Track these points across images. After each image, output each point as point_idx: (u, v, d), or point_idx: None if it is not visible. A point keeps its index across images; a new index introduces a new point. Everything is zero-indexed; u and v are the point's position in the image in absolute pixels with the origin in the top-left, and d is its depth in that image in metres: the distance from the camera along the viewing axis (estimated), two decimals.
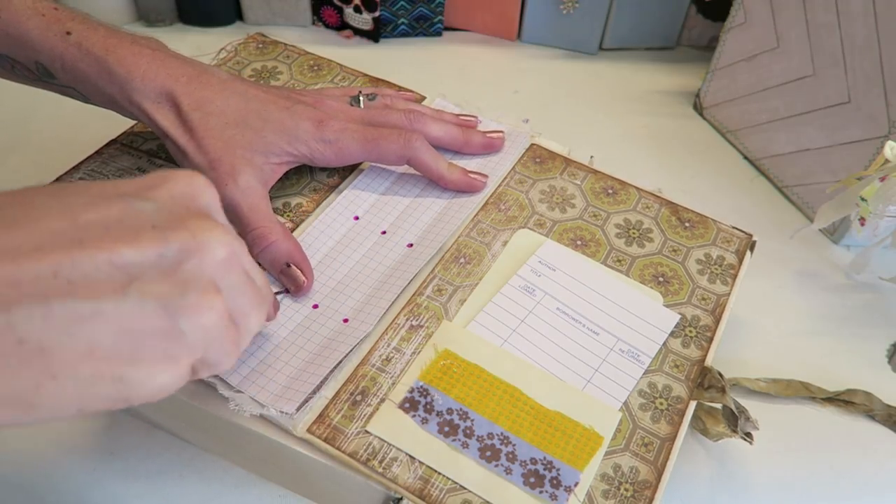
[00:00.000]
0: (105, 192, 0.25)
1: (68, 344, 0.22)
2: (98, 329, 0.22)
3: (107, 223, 0.24)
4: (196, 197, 0.28)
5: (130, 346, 0.23)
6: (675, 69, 0.77)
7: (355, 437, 0.37)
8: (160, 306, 0.24)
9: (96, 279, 0.23)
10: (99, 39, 0.42)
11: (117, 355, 0.23)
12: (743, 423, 0.40)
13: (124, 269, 0.23)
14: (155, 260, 0.24)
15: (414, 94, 0.56)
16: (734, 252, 0.49)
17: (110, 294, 0.23)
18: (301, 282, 0.43)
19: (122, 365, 0.23)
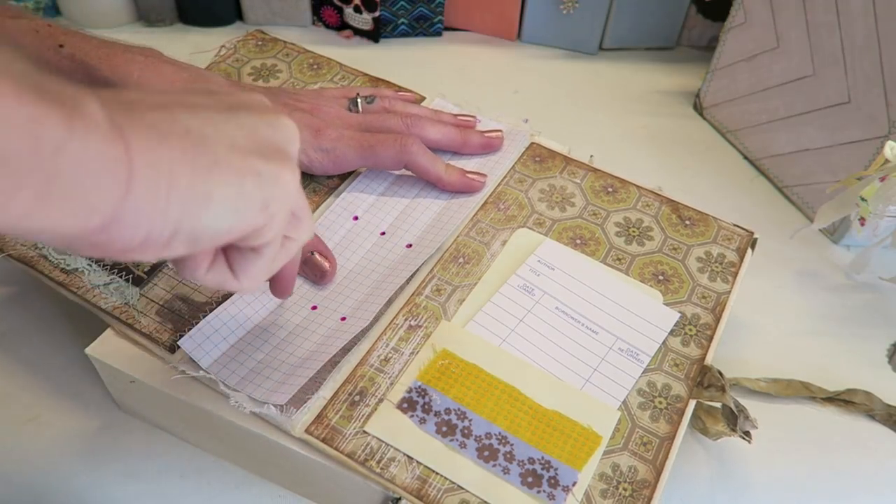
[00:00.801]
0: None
1: (217, 136, 0.26)
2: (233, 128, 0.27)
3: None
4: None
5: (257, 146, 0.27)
6: (675, 69, 0.77)
7: (353, 438, 0.37)
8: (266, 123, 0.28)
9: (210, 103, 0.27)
10: (91, 49, 0.43)
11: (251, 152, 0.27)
12: (742, 421, 0.40)
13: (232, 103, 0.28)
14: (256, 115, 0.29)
15: (413, 95, 0.56)
16: (735, 250, 0.48)
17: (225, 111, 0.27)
18: (325, 268, 0.44)
19: (258, 161, 0.27)
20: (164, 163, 0.23)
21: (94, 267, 0.43)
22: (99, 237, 0.23)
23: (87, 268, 0.43)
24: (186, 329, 0.40)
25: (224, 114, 0.27)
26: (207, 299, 0.42)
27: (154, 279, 0.43)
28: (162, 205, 0.23)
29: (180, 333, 0.40)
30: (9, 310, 0.50)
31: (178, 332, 0.40)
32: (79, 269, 0.43)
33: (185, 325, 0.40)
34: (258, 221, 0.27)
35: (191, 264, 0.28)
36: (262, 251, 0.29)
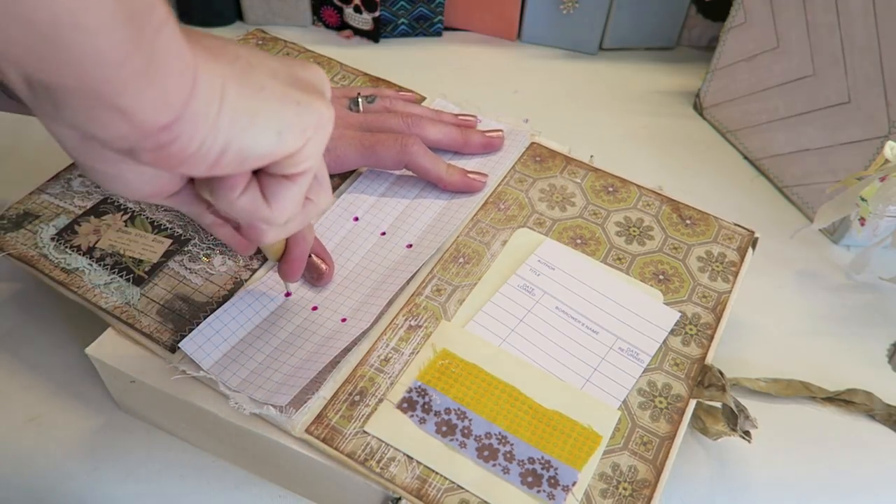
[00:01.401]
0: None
1: (262, 66, 0.28)
2: (276, 64, 0.29)
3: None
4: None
5: (297, 83, 0.29)
6: (675, 69, 0.77)
7: (353, 438, 0.37)
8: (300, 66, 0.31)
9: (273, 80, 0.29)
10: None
11: (291, 84, 0.29)
12: (742, 421, 0.40)
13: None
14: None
15: (414, 95, 0.56)
16: (736, 249, 0.48)
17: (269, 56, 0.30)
18: (323, 269, 0.44)
19: (297, 93, 0.28)
20: (217, 77, 0.25)
21: (95, 266, 0.43)
22: (164, 136, 0.24)
23: (87, 267, 0.43)
24: (187, 329, 0.40)
25: (264, 53, 0.29)
26: (208, 299, 0.42)
27: (155, 279, 0.43)
28: (214, 115, 0.25)
29: (181, 333, 0.40)
30: (9, 310, 0.50)
31: (178, 332, 0.40)
32: (79, 269, 0.43)
33: (185, 325, 0.40)
34: (297, 144, 0.29)
35: (228, 184, 0.30)
36: (296, 180, 0.31)
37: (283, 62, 0.30)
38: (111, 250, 0.44)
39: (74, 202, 0.47)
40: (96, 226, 0.46)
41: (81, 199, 0.47)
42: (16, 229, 0.45)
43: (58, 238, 0.45)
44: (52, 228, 0.45)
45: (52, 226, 0.45)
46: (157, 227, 0.46)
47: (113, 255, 0.44)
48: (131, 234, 0.45)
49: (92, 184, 0.48)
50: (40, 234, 0.45)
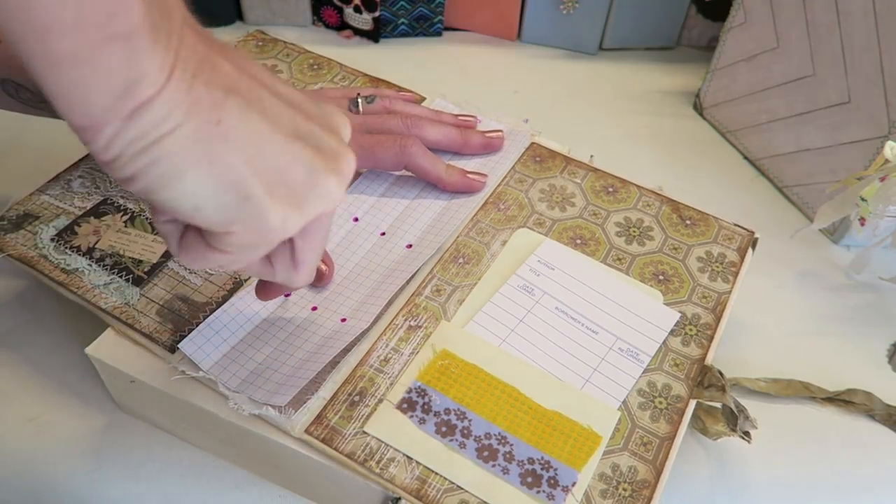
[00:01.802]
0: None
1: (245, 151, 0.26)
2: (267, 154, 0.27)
3: (292, 98, 0.31)
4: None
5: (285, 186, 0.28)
6: (675, 69, 0.77)
7: (353, 438, 0.37)
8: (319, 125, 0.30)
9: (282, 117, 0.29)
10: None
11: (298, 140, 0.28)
12: (742, 422, 0.40)
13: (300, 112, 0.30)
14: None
15: (414, 95, 0.56)
16: (736, 249, 0.48)
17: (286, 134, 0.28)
18: (322, 270, 0.43)
19: (308, 152, 0.28)
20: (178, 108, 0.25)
21: (94, 267, 0.43)
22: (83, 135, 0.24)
23: (87, 268, 0.43)
24: (187, 329, 0.40)
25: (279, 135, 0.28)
26: (208, 299, 0.42)
27: (154, 279, 0.43)
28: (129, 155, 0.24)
29: (180, 334, 0.40)
30: (9, 310, 0.50)
31: (178, 333, 0.40)
32: (79, 269, 0.43)
33: (185, 325, 0.40)
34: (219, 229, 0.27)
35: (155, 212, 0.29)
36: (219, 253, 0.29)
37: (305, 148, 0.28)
38: (111, 251, 0.44)
39: (74, 203, 0.47)
40: (96, 226, 0.46)
41: (81, 199, 0.47)
42: (16, 230, 0.45)
43: (58, 239, 0.45)
44: (52, 229, 0.45)
45: (51, 226, 0.45)
46: None
47: (112, 255, 0.44)
48: (131, 234, 0.45)
49: (92, 185, 0.48)
50: (40, 235, 0.45)
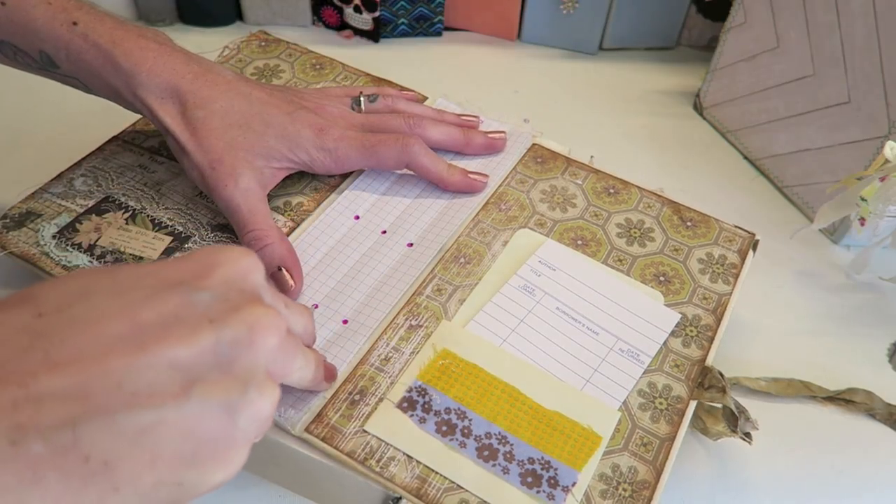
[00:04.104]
0: (160, 280, 0.25)
1: (132, 455, 0.21)
2: (161, 436, 0.22)
3: (165, 321, 0.24)
4: (247, 277, 0.27)
5: (191, 449, 0.23)
6: (675, 69, 0.77)
7: (353, 437, 0.37)
8: (222, 406, 0.24)
9: (159, 385, 0.22)
10: (105, 31, 0.42)
11: (178, 460, 0.23)
12: (743, 423, 0.40)
13: (185, 370, 0.23)
14: (212, 358, 0.24)
15: (416, 94, 0.56)
16: (736, 251, 0.48)
17: (172, 400, 0.23)
18: (289, 286, 0.42)
19: (183, 469, 0.23)
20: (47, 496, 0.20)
21: (95, 264, 0.43)
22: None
23: (88, 264, 0.43)
24: None
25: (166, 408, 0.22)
26: None
27: None
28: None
29: None
30: None
31: None
32: (80, 266, 0.43)
33: None
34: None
35: None
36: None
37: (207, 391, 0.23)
38: (112, 248, 0.44)
39: (77, 201, 0.47)
40: (97, 223, 0.46)
41: (83, 198, 0.47)
42: (18, 228, 0.45)
43: (59, 236, 0.45)
44: (54, 227, 0.45)
45: (53, 224, 0.45)
46: (158, 224, 0.46)
47: (113, 252, 0.44)
48: (132, 231, 0.45)
49: (94, 183, 0.48)
50: (42, 233, 0.45)
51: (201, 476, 0.23)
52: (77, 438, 0.20)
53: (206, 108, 0.43)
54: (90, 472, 0.21)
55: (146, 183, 0.49)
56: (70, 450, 0.20)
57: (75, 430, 0.20)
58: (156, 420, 0.22)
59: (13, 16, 0.42)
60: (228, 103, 0.44)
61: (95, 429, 0.21)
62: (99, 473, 0.21)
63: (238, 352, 0.25)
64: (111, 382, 0.21)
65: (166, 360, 0.23)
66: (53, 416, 0.20)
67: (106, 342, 0.22)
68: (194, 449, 0.23)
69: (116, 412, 0.21)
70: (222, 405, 0.24)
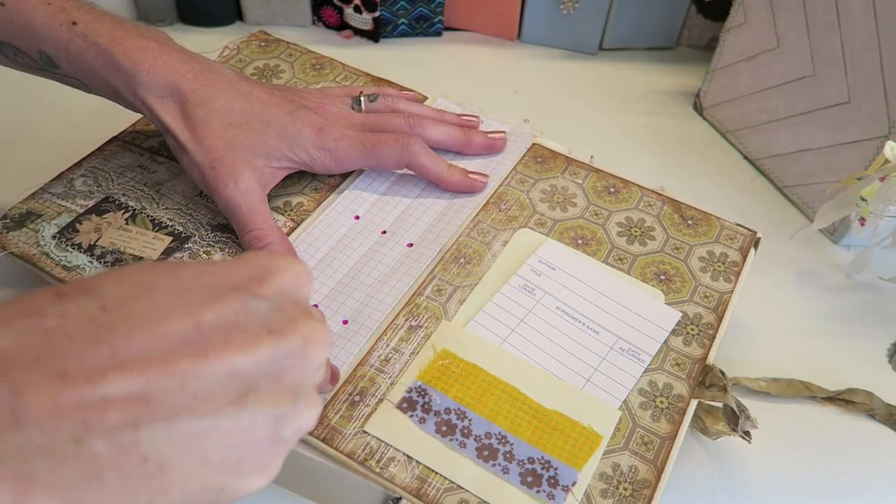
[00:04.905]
0: (219, 281, 0.25)
1: (185, 460, 0.22)
2: (214, 443, 0.22)
3: (227, 327, 0.24)
4: (299, 289, 0.27)
5: (238, 457, 0.23)
6: (675, 69, 0.77)
7: (353, 437, 0.37)
8: (272, 417, 0.24)
9: (217, 391, 0.23)
10: (105, 30, 0.42)
11: (225, 467, 0.23)
12: (743, 422, 0.40)
13: (242, 379, 0.23)
14: (268, 367, 0.24)
15: (415, 94, 0.56)
16: (738, 249, 0.48)
17: (228, 407, 0.23)
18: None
19: (227, 475, 0.23)
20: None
21: (95, 264, 0.43)
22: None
23: (87, 265, 0.43)
24: None
25: (219, 415, 0.22)
26: None
27: None
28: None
29: None
30: None
31: None
32: (80, 266, 0.43)
33: None
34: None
35: None
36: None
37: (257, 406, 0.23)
38: (112, 248, 0.44)
39: (77, 201, 0.47)
40: (97, 224, 0.46)
41: (83, 198, 0.47)
42: (18, 228, 0.45)
43: (59, 236, 0.45)
44: (54, 227, 0.45)
45: (53, 224, 0.45)
46: (158, 224, 0.46)
47: (113, 252, 0.44)
48: (132, 231, 0.45)
49: (94, 183, 0.48)
50: (42, 233, 0.45)
51: (242, 483, 0.24)
52: (138, 440, 0.20)
53: (206, 108, 0.43)
54: (146, 474, 0.21)
55: (146, 183, 0.48)
56: (130, 451, 0.20)
57: (137, 431, 0.20)
58: (211, 427, 0.22)
59: (13, 16, 0.42)
60: (228, 102, 0.44)
61: (156, 431, 0.21)
62: (153, 476, 0.21)
63: (291, 364, 0.25)
64: (174, 385, 0.21)
65: (227, 368, 0.23)
66: (117, 416, 0.20)
67: (170, 343, 0.22)
68: (241, 456, 0.23)
69: (177, 416, 0.21)
70: (273, 416, 0.24)
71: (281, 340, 0.24)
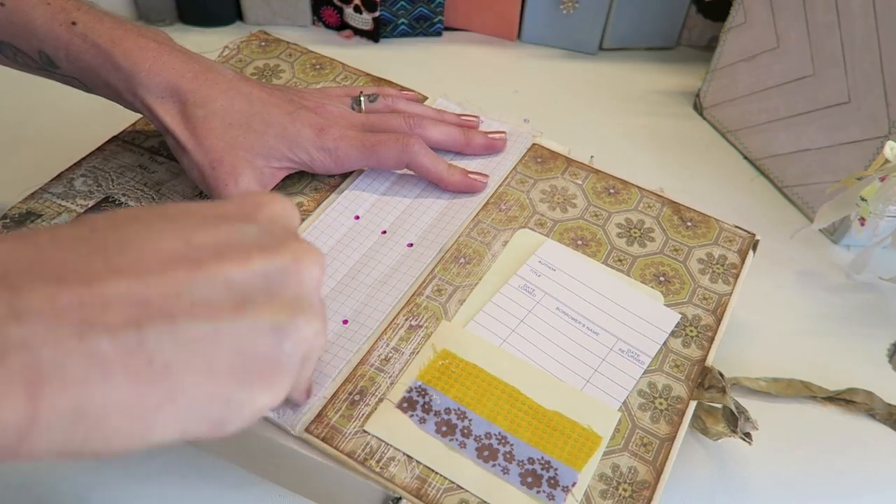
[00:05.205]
0: (210, 213, 0.26)
1: (190, 363, 0.22)
2: (217, 348, 0.23)
3: (217, 245, 0.24)
4: (288, 217, 0.29)
5: (242, 365, 0.24)
6: (675, 69, 0.77)
7: (353, 437, 0.37)
8: (271, 328, 0.25)
9: (215, 299, 0.23)
10: (105, 30, 0.42)
11: (230, 375, 0.23)
12: (743, 423, 0.40)
13: (237, 289, 0.24)
14: (262, 282, 0.25)
15: (415, 94, 0.56)
16: (736, 251, 0.48)
17: (227, 313, 0.23)
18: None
19: (233, 384, 0.23)
20: (91, 404, 0.20)
21: None
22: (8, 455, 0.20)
23: None
24: None
25: (220, 321, 0.23)
26: None
27: None
28: (76, 443, 0.20)
29: None
30: None
31: None
32: None
33: None
34: (211, 434, 0.24)
35: None
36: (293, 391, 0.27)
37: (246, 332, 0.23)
38: None
39: (77, 201, 0.47)
40: None
41: (83, 198, 0.47)
42: (18, 228, 0.45)
43: None
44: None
45: (53, 224, 0.45)
46: None
47: None
48: None
49: (94, 183, 0.48)
50: None
51: (249, 395, 0.24)
52: (142, 339, 0.21)
53: (205, 108, 0.43)
54: (153, 375, 0.21)
55: (146, 183, 0.49)
56: (135, 350, 0.21)
57: (140, 331, 0.21)
58: (212, 332, 0.23)
59: (12, 17, 0.42)
60: (228, 103, 0.44)
61: (158, 332, 0.21)
62: (160, 377, 0.21)
63: (286, 280, 0.26)
64: (171, 291, 0.22)
65: (222, 278, 0.23)
66: (119, 316, 0.21)
67: (162, 257, 0.23)
68: (244, 365, 0.23)
69: (177, 319, 0.22)
70: (272, 327, 0.24)
71: (272, 257, 0.25)
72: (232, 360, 0.23)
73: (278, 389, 0.25)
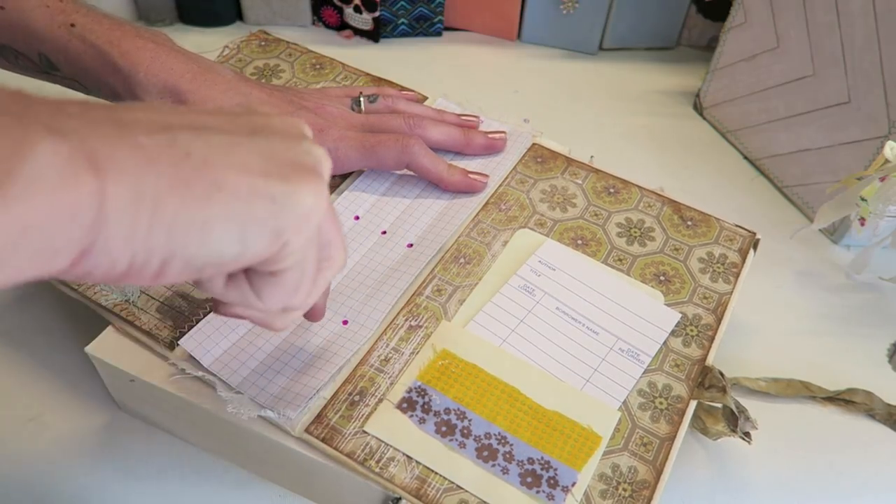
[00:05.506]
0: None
1: (226, 159, 0.24)
2: (245, 151, 0.25)
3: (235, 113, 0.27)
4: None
5: (276, 168, 0.25)
6: (675, 69, 0.77)
7: (353, 437, 0.37)
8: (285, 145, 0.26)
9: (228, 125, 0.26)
10: (103, 32, 0.42)
11: (266, 174, 0.25)
12: (742, 422, 0.40)
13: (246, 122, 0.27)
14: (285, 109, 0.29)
15: (416, 94, 0.56)
16: (737, 250, 0.48)
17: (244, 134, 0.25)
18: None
19: (273, 182, 0.25)
20: (147, 189, 0.21)
21: None
22: (73, 272, 0.21)
23: None
24: (186, 326, 0.40)
25: (240, 137, 0.25)
26: (208, 297, 0.42)
27: None
28: (142, 235, 0.21)
29: (180, 330, 0.40)
30: (9, 309, 0.50)
31: (178, 329, 0.40)
32: None
33: (185, 322, 0.40)
34: (271, 248, 0.25)
35: (205, 283, 0.27)
36: (281, 277, 0.27)
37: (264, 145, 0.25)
38: None
39: None
40: None
41: None
42: None
43: None
44: None
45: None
46: None
47: None
48: None
49: None
50: None
51: (292, 190, 0.25)
52: (174, 139, 0.23)
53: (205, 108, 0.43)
54: (193, 165, 0.23)
55: None
56: (171, 145, 0.22)
57: (172, 134, 0.23)
58: (235, 142, 0.25)
59: (12, 19, 0.42)
60: (228, 103, 0.44)
61: (188, 136, 0.23)
62: (201, 168, 0.23)
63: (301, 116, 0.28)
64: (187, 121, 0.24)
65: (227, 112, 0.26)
66: (149, 126, 0.22)
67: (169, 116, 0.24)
68: (277, 166, 0.25)
69: (201, 132, 0.24)
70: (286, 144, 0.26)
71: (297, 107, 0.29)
72: (264, 163, 0.25)
73: (318, 186, 0.26)
